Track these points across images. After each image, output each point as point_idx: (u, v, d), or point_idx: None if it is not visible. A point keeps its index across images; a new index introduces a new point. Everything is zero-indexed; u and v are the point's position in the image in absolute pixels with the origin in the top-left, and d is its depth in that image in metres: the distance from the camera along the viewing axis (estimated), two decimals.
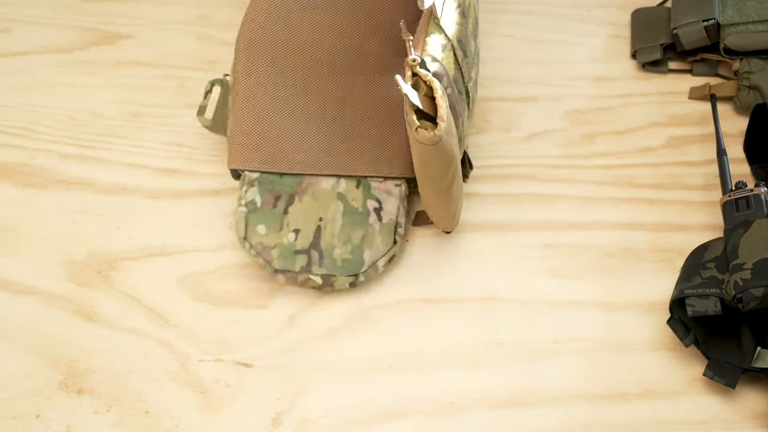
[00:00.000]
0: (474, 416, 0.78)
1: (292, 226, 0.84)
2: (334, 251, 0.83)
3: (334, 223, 0.84)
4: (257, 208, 0.85)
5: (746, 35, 0.96)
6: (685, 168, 0.95)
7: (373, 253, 0.83)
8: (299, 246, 0.83)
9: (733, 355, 0.79)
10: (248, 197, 0.85)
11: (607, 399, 0.79)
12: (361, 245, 0.84)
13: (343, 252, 0.83)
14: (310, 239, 0.83)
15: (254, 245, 0.83)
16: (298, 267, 0.82)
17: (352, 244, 0.84)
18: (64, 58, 1.02)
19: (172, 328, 0.83)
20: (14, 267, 0.86)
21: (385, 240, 0.84)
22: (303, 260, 0.83)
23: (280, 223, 0.84)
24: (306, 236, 0.83)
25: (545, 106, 0.99)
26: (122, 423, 0.77)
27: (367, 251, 0.83)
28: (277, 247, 0.83)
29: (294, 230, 0.84)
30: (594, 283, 0.86)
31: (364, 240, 0.84)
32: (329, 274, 0.82)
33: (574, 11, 1.08)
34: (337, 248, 0.83)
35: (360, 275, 0.83)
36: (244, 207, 0.85)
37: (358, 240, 0.84)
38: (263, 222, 0.84)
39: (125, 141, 0.95)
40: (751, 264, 0.76)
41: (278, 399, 0.79)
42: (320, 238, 0.83)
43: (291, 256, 0.83)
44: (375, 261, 0.83)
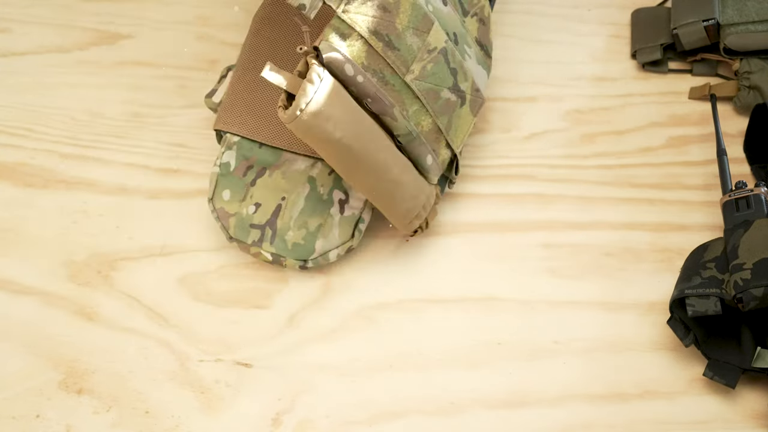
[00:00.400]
0: (474, 416, 0.78)
1: (254, 199, 0.85)
2: (288, 233, 0.83)
3: (296, 205, 0.84)
4: (229, 173, 0.86)
5: (746, 35, 0.96)
6: (685, 168, 0.95)
7: (325, 244, 0.83)
8: (256, 220, 0.84)
9: (733, 355, 0.79)
10: (224, 159, 0.86)
11: (606, 399, 0.79)
12: (315, 233, 0.83)
13: (296, 236, 0.83)
14: (268, 216, 0.84)
15: (217, 209, 0.85)
16: (250, 240, 0.83)
17: (306, 230, 0.84)
18: (64, 58, 1.02)
19: (172, 328, 0.83)
20: (14, 267, 0.86)
21: (343, 233, 0.84)
22: (256, 235, 0.83)
23: (245, 193, 0.85)
24: (265, 212, 0.84)
25: (545, 106, 0.99)
26: (122, 423, 0.77)
27: (321, 240, 0.83)
28: (236, 216, 0.84)
29: (255, 203, 0.84)
30: (594, 283, 0.86)
31: (320, 229, 0.84)
32: (278, 254, 0.83)
33: (574, 11, 1.08)
34: (291, 231, 0.83)
35: (309, 261, 0.83)
36: (217, 167, 0.86)
37: (314, 228, 0.84)
38: (230, 188, 0.85)
39: (125, 141, 0.95)
40: (751, 264, 0.76)
41: (278, 399, 0.79)
42: (278, 217, 0.84)
43: (246, 228, 0.84)
44: (327, 251, 0.83)
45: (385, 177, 0.78)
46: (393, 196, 0.80)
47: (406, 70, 0.79)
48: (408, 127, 0.79)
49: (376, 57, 0.77)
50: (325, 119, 0.73)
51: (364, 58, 0.76)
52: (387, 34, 0.78)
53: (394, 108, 0.78)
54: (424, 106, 0.80)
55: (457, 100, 0.84)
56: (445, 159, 0.84)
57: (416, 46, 0.80)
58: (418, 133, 0.80)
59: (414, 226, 0.83)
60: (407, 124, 0.79)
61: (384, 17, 0.78)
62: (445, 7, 0.84)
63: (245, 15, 1.04)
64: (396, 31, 0.79)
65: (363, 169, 0.77)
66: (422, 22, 0.80)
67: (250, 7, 1.00)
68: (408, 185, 0.80)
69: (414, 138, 0.79)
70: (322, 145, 0.76)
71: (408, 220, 0.82)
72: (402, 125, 0.79)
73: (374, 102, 0.77)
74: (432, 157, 0.82)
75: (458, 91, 0.84)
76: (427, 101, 0.81)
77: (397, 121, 0.78)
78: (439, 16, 0.83)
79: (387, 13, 0.78)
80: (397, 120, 0.78)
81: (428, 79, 0.81)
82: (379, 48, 0.77)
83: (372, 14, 0.77)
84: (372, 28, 0.77)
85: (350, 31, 0.76)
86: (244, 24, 1.02)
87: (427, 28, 0.81)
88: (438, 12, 0.83)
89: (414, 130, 0.79)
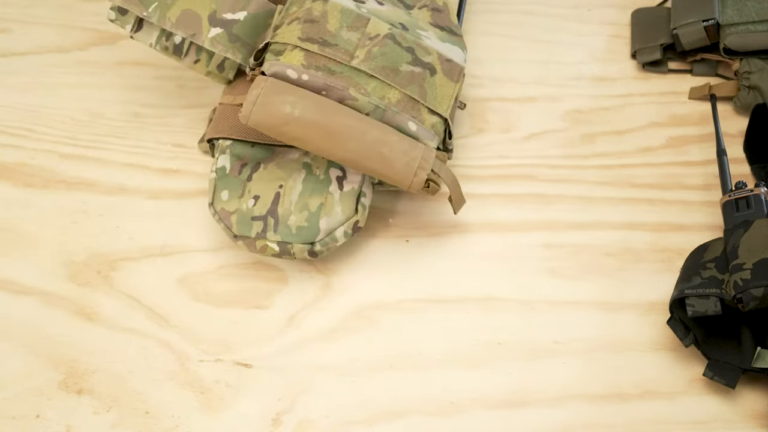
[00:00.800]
0: (474, 416, 0.78)
1: (252, 193, 0.84)
2: (290, 218, 0.83)
3: (294, 190, 0.85)
4: (225, 175, 0.86)
5: (746, 35, 0.97)
6: (685, 168, 0.95)
7: (330, 222, 0.83)
8: (257, 212, 0.84)
9: (733, 355, 0.79)
10: (219, 164, 0.86)
11: (606, 399, 0.79)
12: (317, 213, 0.83)
13: (299, 219, 0.83)
14: (268, 206, 0.84)
15: (218, 211, 0.84)
16: (254, 233, 0.83)
17: (308, 211, 0.83)
18: (64, 58, 1.02)
19: (172, 328, 0.83)
20: (14, 267, 0.86)
21: (345, 208, 0.84)
22: (259, 227, 0.83)
23: (242, 189, 0.85)
24: (264, 203, 0.84)
25: (545, 106, 0.99)
26: (122, 423, 0.77)
27: (324, 219, 0.83)
28: (236, 212, 0.84)
29: (254, 197, 0.84)
30: (594, 283, 0.86)
31: (322, 208, 0.83)
32: (285, 241, 0.82)
33: (574, 11, 1.08)
34: (293, 215, 0.83)
35: (316, 243, 0.83)
36: (214, 173, 0.86)
37: (315, 207, 0.83)
38: (227, 188, 0.85)
39: (125, 141, 0.95)
40: (751, 264, 0.76)
41: (278, 399, 0.79)
42: (278, 205, 0.84)
43: (248, 222, 0.83)
44: (333, 229, 0.83)
45: (365, 138, 0.81)
46: (383, 155, 0.81)
47: (350, 58, 0.84)
48: (371, 101, 0.83)
49: (314, 56, 0.83)
50: (280, 103, 0.80)
51: (302, 60, 0.83)
52: (320, 36, 0.84)
53: (348, 89, 0.82)
54: (383, 81, 0.84)
55: (423, 71, 0.86)
56: (435, 123, 0.85)
57: (355, 38, 0.85)
58: (386, 105, 0.83)
59: (421, 178, 0.82)
60: (369, 99, 0.83)
61: (312, 27, 0.85)
62: (381, 6, 0.90)
63: None
64: (328, 32, 0.85)
65: (338, 137, 0.80)
66: (356, 21, 0.86)
67: None
68: (396, 142, 0.82)
69: (383, 109, 0.83)
70: (287, 129, 0.80)
71: (411, 172, 0.82)
72: (364, 101, 0.82)
73: (328, 91, 0.82)
74: (414, 123, 0.84)
75: (422, 64, 0.86)
76: (384, 76, 0.84)
77: (358, 101, 0.82)
78: (375, 13, 0.88)
79: (314, 23, 0.85)
80: (358, 99, 0.82)
81: (377, 60, 0.85)
82: (314, 48, 0.83)
83: (300, 28, 0.84)
84: (303, 37, 0.84)
85: (283, 46, 0.84)
86: None
87: (363, 23, 0.86)
88: (374, 11, 0.88)
89: (380, 103, 0.83)
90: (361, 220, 0.84)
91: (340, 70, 0.83)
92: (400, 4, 0.92)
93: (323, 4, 0.86)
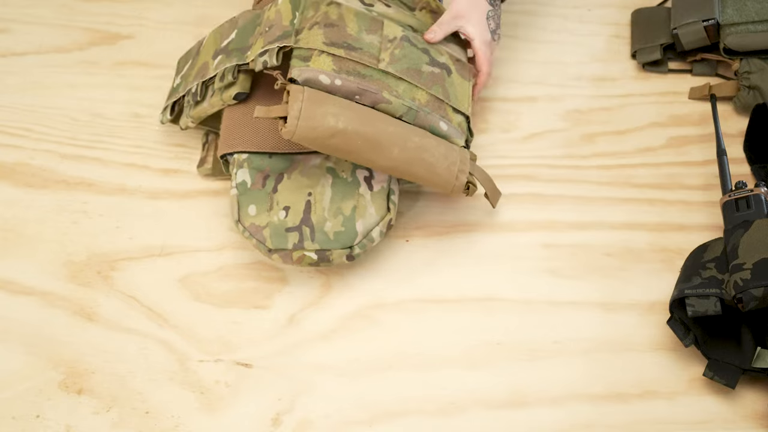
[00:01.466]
0: (474, 416, 0.78)
1: (282, 204, 0.84)
2: (326, 225, 0.82)
3: (324, 196, 0.84)
4: (247, 189, 0.85)
5: (746, 35, 0.97)
6: (685, 168, 0.95)
7: (366, 223, 0.83)
8: (290, 223, 0.83)
9: (733, 355, 0.79)
10: (238, 179, 0.85)
11: (606, 399, 0.79)
12: (352, 216, 0.83)
13: (335, 225, 0.82)
14: (301, 215, 0.83)
15: (247, 227, 0.83)
16: (291, 245, 0.82)
17: (343, 215, 0.83)
18: (64, 58, 1.02)
19: (172, 328, 0.83)
20: (14, 267, 0.86)
21: (378, 208, 0.84)
22: (295, 237, 0.82)
23: (270, 202, 0.84)
24: (296, 212, 0.83)
25: (545, 106, 0.99)
26: (122, 423, 0.77)
27: (360, 221, 0.83)
28: (269, 226, 0.82)
29: (284, 208, 0.83)
30: (594, 283, 0.86)
31: (356, 210, 0.83)
32: (323, 248, 0.82)
33: (574, 11, 1.08)
34: (329, 221, 0.83)
35: (355, 247, 0.82)
36: (235, 189, 0.85)
37: (349, 211, 0.83)
38: (254, 202, 0.84)
39: (125, 141, 0.95)
40: (751, 264, 0.76)
41: (278, 399, 0.79)
42: (311, 213, 0.83)
43: (282, 234, 0.82)
44: (369, 231, 0.83)
45: (407, 145, 0.81)
46: (425, 161, 0.81)
47: (376, 61, 0.84)
48: (404, 103, 0.83)
49: (343, 61, 0.83)
50: (322, 116, 0.79)
51: (332, 65, 0.82)
52: (343, 41, 0.84)
53: (382, 92, 0.82)
54: (410, 83, 0.85)
55: (441, 71, 0.88)
56: (460, 122, 0.87)
57: (376, 41, 0.86)
58: (417, 106, 0.83)
59: (462, 181, 0.83)
60: (403, 101, 0.83)
61: (334, 31, 0.85)
62: (389, 8, 0.91)
63: None
64: (350, 36, 0.85)
65: (383, 146, 0.80)
66: (371, 24, 0.87)
67: None
68: (434, 146, 0.82)
69: (416, 111, 0.83)
70: (333, 142, 0.79)
71: (453, 175, 0.83)
72: (398, 104, 0.83)
73: (362, 95, 0.82)
74: (445, 123, 0.85)
75: (439, 64, 0.88)
76: (411, 78, 0.85)
77: (391, 103, 0.83)
78: (386, 16, 0.90)
79: (335, 27, 0.85)
80: (392, 102, 0.82)
81: (401, 62, 0.86)
82: (341, 53, 0.83)
83: (322, 33, 0.84)
84: (327, 42, 0.84)
85: (309, 52, 0.83)
86: None
87: (379, 26, 0.87)
88: (384, 14, 0.90)
89: (412, 105, 0.83)
90: (393, 217, 0.84)
91: (370, 74, 0.83)
92: (403, 6, 0.93)
93: (338, 8, 0.87)
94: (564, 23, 1.07)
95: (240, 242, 0.88)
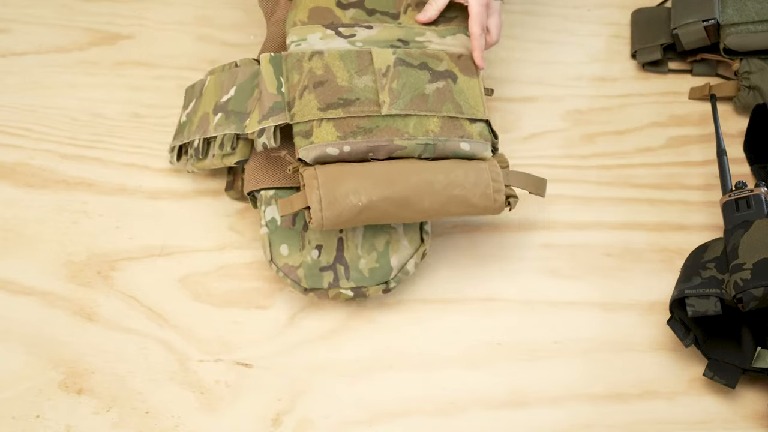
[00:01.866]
0: (474, 416, 0.78)
1: (314, 243, 0.82)
2: (360, 262, 0.81)
3: (356, 233, 0.82)
4: (278, 227, 0.83)
5: (746, 35, 0.96)
6: (685, 168, 0.95)
7: (400, 257, 0.82)
8: (324, 262, 0.81)
9: (733, 355, 0.79)
10: (267, 216, 0.83)
11: (607, 399, 0.79)
12: (386, 251, 0.82)
13: (369, 261, 0.81)
14: (334, 253, 0.82)
15: (281, 267, 0.82)
16: (326, 284, 0.81)
17: (377, 252, 0.82)
18: (64, 58, 1.02)
19: (172, 328, 0.83)
20: (14, 267, 0.86)
21: (411, 240, 0.83)
22: (330, 277, 0.81)
23: (302, 241, 0.82)
24: (329, 251, 0.82)
25: (545, 106, 0.99)
26: (122, 423, 0.77)
27: (394, 256, 0.82)
28: (302, 266, 0.81)
29: (316, 246, 0.82)
30: (594, 283, 0.86)
31: (389, 245, 0.82)
32: (359, 286, 0.81)
33: (574, 11, 1.08)
34: (362, 258, 0.81)
35: (391, 281, 0.81)
36: (265, 228, 0.83)
37: (383, 246, 0.82)
38: (285, 242, 0.82)
39: (125, 141, 0.95)
40: (751, 264, 0.76)
41: (278, 399, 0.79)
42: (344, 251, 0.82)
43: (317, 274, 0.81)
44: (403, 264, 0.82)
45: (435, 189, 0.79)
46: (458, 197, 0.79)
47: (378, 107, 0.82)
48: (419, 142, 0.81)
49: (344, 122, 0.81)
50: (344, 197, 0.77)
51: (335, 132, 0.80)
52: (338, 98, 0.82)
53: (393, 140, 0.80)
54: (419, 116, 0.82)
55: (445, 83, 0.84)
56: (481, 131, 0.84)
57: (370, 82, 0.83)
58: (434, 138, 0.81)
59: (501, 201, 0.81)
60: (417, 141, 0.81)
61: (325, 90, 0.82)
62: (371, 30, 0.87)
63: (245, 17, 1.04)
64: (343, 89, 0.82)
65: (412, 202, 0.78)
66: (359, 61, 0.84)
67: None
68: (463, 177, 0.80)
69: (433, 144, 0.81)
70: (363, 217, 0.78)
71: (491, 199, 0.80)
72: (413, 145, 0.80)
73: (375, 152, 0.80)
74: (466, 142, 0.82)
75: (441, 76, 0.85)
76: (417, 110, 0.82)
77: (406, 148, 0.80)
78: (372, 41, 0.86)
79: (325, 84, 0.82)
80: (406, 146, 0.80)
81: (403, 95, 0.83)
82: (339, 114, 0.81)
83: (314, 97, 0.82)
84: (323, 106, 0.81)
85: (308, 125, 0.81)
86: (245, 25, 1.03)
87: (368, 61, 0.84)
88: (369, 39, 0.86)
89: (428, 140, 0.81)
90: (427, 248, 0.83)
91: (376, 124, 0.81)
92: (385, 17, 0.90)
93: (321, 59, 0.83)
94: (564, 23, 1.07)
95: (240, 242, 0.88)
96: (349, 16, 0.88)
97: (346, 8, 0.89)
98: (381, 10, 0.90)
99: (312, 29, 0.86)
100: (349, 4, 0.89)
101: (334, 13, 0.88)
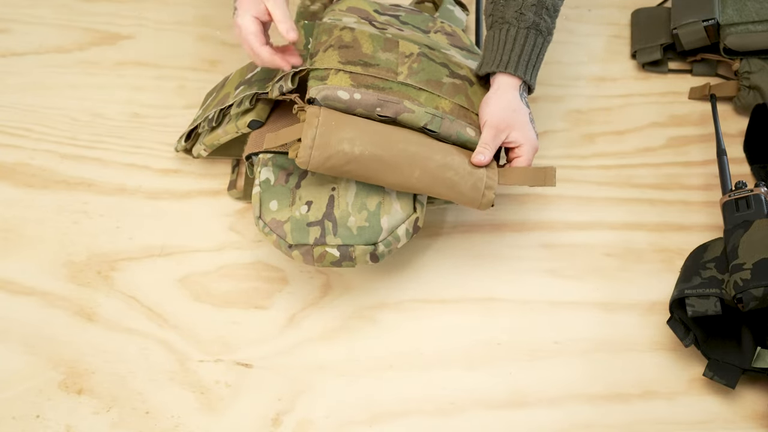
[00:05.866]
0: (474, 416, 0.78)
1: (304, 199, 0.81)
2: (349, 219, 0.80)
3: (348, 191, 0.81)
4: (270, 186, 0.83)
5: (746, 35, 0.97)
6: (685, 168, 0.95)
7: (391, 220, 0.80)
8: (312, 218, 0.80)
9: (733, 355, 0.79)
10: (262, 176, 0.83)
11: (606, 399, 0.79)
12: (377, 212, 0.80)
13: (359, 220, 0.80)
14: (323, 210, 0.80)
15: (268, 222, 0.80)
16: (312, 239, 0.79)
17: (367, 211, 0.80)
18: (64, 58, 1.02)
19: (172, 328, 0.83)
20: (14, 267, 0.86)
21: (404, 206, 0.81)
22: (316, 232, 0.79)
23: (292, 197, 0.82)
24: (319, 207, 0.80)
25: (545, 106, 0.99)
26: (122, 423, 0.77)
27: (385, 217, 0.80)
28: (290, 220, 0.80)
29: (306, 202, 0.81)
30: (594, 283, 0.86)
31: (381, 206, 0.81)
32: (345, 244, 0.79)
33: (574, 11, 1.08)
34: (352, 216, 0.80)
35: (379, 244, 0.79)
36: (258, 187, 0.82)
37: (374, 206, 0.81)
38: (275, 198, 0.82)
39: (125, 141, 0.95)
40: (751, 264, 0.76)
41: (278, 399, 0.79)
42: (333, 207, 0.80)
43: (303, 228, 0.79)
44: (394, 228, 0.80)
45: (429, 166, 0.79)
46: (449, 180, 0.79)
47: (395, 75, 0.84)
48: (428, 111, 0.82)
49: (360, 77, 0.82)
50: (337, 143, 0.77)
51: (349, 82, 0.82)
52: (359, 59, 0.84)
53: (404, 101, 0.81)
54: (432, 93, 0.84)
55: (462, 82, 0.86)
56: None
57: (393, 57, 0.86)
58: (441, 113, 0.82)
59: (489, 198, 0.80)
60: (425, 109, 0.82)
61: (349, 51, 0.85)
62: (402, 31, 0.91)
63: None
64: (366, 55, 0.85)
65: (402, 169, 0.78)
66: (386, 43, 0.87)
67: None
68: (459, 164, 0.80)
69: (441, 118, 0.82)
70: (349, 169, 0.78)
71: (480, 193, 0.80)
72: (421, 112, 0.81)
73: (383, 107, 0.81)
74: (472, 129, 0.83)
75: (460, 77, 0.87)
76: (432, 89, 0.84)
77: (414, 112, 0.81)
78: (400, 37, 0.89)
79: (350, 48, 0.85)
80: (414, 111, 0.81)
81: (420, 74, 0.85)
82: (358, 70, 0.83)
83: (337, 53, 0.84)
84: (343, 60, 0.84)
85: (326, 72, 0.83)
86: None
87: (395, 45, 0.87)
88: (398, 35, 0.90)
89: (436, 112, 0.82)
90: (420, 217, 0.82)
91: (389, 86, 0.82)
92: (417, 29, 0.93)
93: (351, 32, 0.86)
94: (564, 23, 1.07)
95: (240, 242, 0.88)
96: (383, 20, 0.93)
97: (382, 15, 0.94)
98: (413, 24, 0.95)
99: (348, 15, 0.91)
100: (386, 13, 0.94)
101: (370, 13, 0.93)
